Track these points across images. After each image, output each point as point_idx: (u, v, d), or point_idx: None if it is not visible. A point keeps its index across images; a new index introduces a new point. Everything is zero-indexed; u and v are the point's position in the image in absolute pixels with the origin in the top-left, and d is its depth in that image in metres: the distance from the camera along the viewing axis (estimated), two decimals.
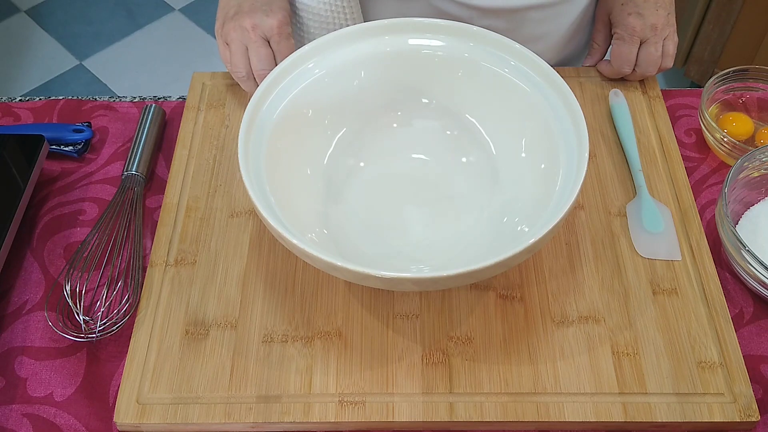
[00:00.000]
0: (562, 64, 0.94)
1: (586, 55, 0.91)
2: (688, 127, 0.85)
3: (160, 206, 0.76)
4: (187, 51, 2.19)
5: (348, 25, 0.84)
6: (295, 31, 0.89)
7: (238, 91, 0.85)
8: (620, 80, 0.87)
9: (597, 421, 0.62)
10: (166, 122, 0.86)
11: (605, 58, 0.89)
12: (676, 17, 0.85)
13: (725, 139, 0.78)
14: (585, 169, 0.63)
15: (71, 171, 0.81)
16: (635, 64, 0.84)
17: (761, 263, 0.66)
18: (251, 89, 0.80)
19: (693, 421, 0.62)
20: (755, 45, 1.71)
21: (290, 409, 0.62)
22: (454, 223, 0.72)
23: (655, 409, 0.62)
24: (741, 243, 0.67)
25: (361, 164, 0.75)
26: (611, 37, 0.88)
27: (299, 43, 0.90)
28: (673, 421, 0.62)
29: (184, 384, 0.64)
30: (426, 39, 0.74)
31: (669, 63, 0.85)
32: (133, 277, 0.70)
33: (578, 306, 0.68)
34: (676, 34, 0.84)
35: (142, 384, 0.64)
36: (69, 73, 2.13)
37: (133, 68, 2.14)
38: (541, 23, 0.87)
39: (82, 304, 0.68)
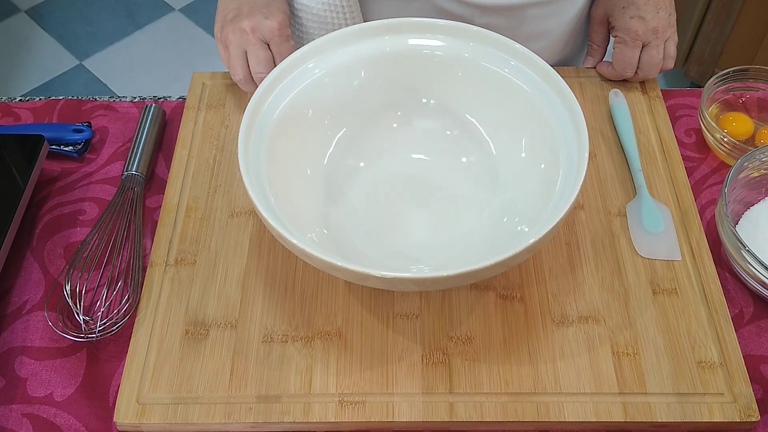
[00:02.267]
0: (563, 62, 0.95)
1: (586, 54, 0.91)
2: (688, 127, 0.85)
3: (160, 206, 0.76)
4: (187, 51, 2.18)
5: (347, 25, 0.84)
6: (294, 32, 0.89)
7: (238, 91, 0.85)
8: (620, 80, 0.86)
9: (597, 421, 0.62)
10: (166, 122, 0.86)
11: (605, 58, 0.89)
12: (676, 17, 0.85)
13: (725, 139, 0.78)
14: (585, 169, 0.63)
15: (71, 171, 0.81)
16: (637, 67, 0.84)
17: (761, 263, 0.66)
18: (251, 91, 0.79)
19: (693, 421, 0.62)
20: (755, 45, 1.71)
21: (290, 409, 0.62)
22: (454, 223, 0.72)
23: (655, 409, 0.62)
24: (741, 243, 0.67)
25: (361, 164, 0.75)
26: (609, 36, 0.88)
27: (298, 43, 0.90)
28: (673, 421, 0.62)
29: (184, 384, 0.64)
30: (426, 39, 0.74)
31: (670, 64, 0.84)
32: (133, 277, 0.70)
33: (578, 306, 0.68)
34: (676, 34, 0.84)
35: (142, 384, 0.64)
36: (69, 73, 2.13)
37: (133, 68, 2.14)
38: (542, 20, 0.87)
39: (82, 304, 0.68)
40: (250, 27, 0.77)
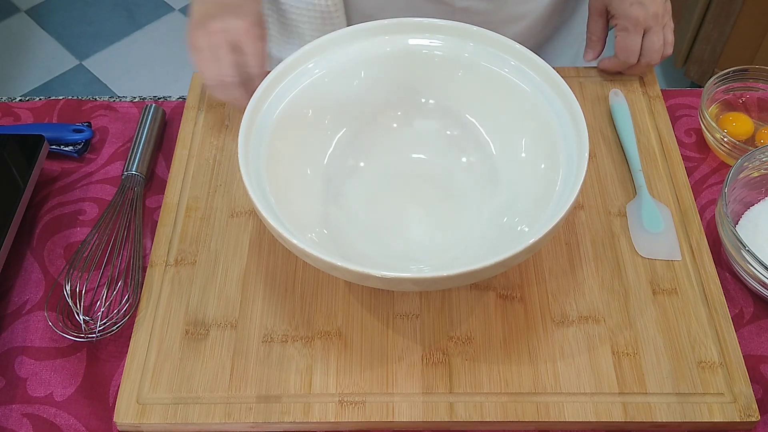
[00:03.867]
0: (539, 45, 0.94)
1: (585, 47, 0.90)
2: (688, 127, 0.85)
3: (160, 206, 0.76)
4: (187, 51, 2.18)
5: (330, 12, 0.84)
6: (277, 23, 0.89)
7: None
8: (620, 80, 0.86)
9: (597, 421, 0.62)
10: (166, 122, 0.86)
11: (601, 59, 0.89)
12: (676, 18, 0.85)
13: (725, 139, 0.78)
14: (585, 169, 0.63)
15: (71, 171, 0.81)
16: (639, 55, 0.84)
17: (761, 263, 0.66)
18: (221, 96, 0.76)
19: (693, 421, 0.62)
20: (755, 45, 1.71)
21: (290, 409, 0.62)
22: (454, 223, 0.72)
23: (655, 409, 0.62)
24: (741, 243, 0.67)
25: (361, 164, 0.75)
26: (607, 28, 0.88)
27: (283, 33, 0.90)
28: (673, 421, 0.62)
29: (184, 384, 0.64)
30: (426, 39, 0.74)
31: (669, 50, 0.85)
32: (133, 277, 0.70)
33: (578, 306, 0.68)
34: (672, 21, 0.85)
35: (142, 384, 0.64)
36: (69, 73, 2.13)
37: (133, 68, 2.14)
38: (522, 3, 0.87)
39: (82, 304, 0.68)
40: (218, 28, 0.73)
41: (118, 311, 0.68)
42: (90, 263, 0.71)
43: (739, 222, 0.75)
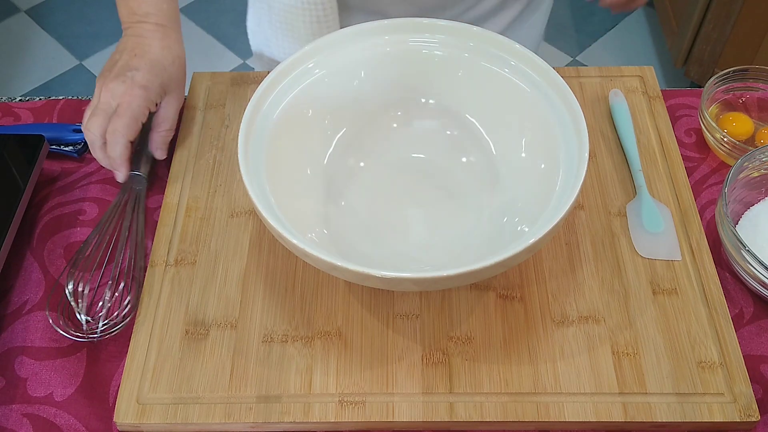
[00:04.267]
0: (519, 14, 0.94)
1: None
2: (688, 127, 0.85)
3: (160, 206, 0.76)
4: (187, 51, 2.18)
5: (322, 8, 0.85)
6: (268, 17, 0.89)
7: (238, 91, 0.85)
8: (620, 80, 0.86)
9: (597, 421, 0.62)
10: None
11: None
12: (675, 18, 0.85)
13: (725, 139, 0.78)
14: (585, 169, 0.63)
15: (71, 171, 0.81)
16: None
17: (761, 263, 0.66)
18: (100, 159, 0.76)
19: (693, 421, 0.62)
20: (755, 45, 1.71)
21: (290, 409, 0.62)
22: (454, 222, 0.72)
23: (655, 409, 0.62)
24: (741, 243, 0.67)
25: (361, 164, 0.75)
26: None
27: (276, 30, 0.90)
28: (673, 421, 0.62)
29: (184, 384, 0.64)
30: (426, 39, 0.74)
31: None
32: (135, 277, 0.70)
33: (578, 306, 0.68)
34: None
35: (142, 384, 0.64)
36: (69, 73, 2.13)
37: None
38: None
39: (83, 303, 0.68)
40: (108, 89, 0.73)
41: (120, 311, 0.68)
42: (91, 263, 0.71)
43: (739, 222, 0.75)
